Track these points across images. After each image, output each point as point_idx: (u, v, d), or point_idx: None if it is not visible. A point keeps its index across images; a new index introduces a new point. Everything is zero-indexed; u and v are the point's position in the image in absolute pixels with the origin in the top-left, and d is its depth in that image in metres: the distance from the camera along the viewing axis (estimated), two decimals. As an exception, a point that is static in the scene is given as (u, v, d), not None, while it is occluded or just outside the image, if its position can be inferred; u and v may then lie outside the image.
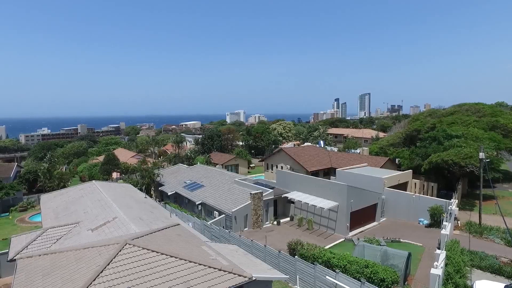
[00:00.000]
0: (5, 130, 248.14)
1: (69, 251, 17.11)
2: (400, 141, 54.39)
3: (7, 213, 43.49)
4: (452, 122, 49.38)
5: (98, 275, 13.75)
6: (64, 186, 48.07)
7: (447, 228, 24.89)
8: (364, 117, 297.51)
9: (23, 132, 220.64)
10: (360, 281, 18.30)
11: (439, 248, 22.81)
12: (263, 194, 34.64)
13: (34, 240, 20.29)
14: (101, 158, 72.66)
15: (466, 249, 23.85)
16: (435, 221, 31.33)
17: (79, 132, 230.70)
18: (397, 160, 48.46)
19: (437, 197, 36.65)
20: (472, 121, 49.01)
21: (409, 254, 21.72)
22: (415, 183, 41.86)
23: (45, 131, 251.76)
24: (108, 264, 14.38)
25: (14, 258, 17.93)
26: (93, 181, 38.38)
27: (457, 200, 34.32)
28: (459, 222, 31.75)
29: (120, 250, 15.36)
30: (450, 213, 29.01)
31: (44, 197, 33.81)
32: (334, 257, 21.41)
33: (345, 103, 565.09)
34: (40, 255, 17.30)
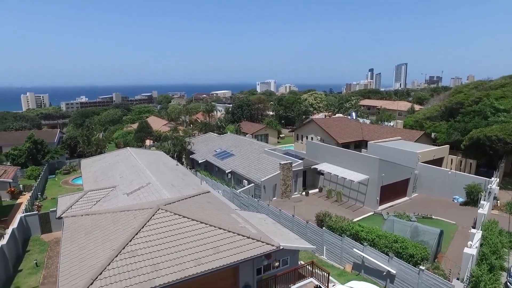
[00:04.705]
0: (48, 98, 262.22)
1: (107, 213, 18.25)
2: (438, 114, 51.28)
3: (54, 175, 47.01)
4: (501, 96, 45.36)
5: (134, 236, 14.59)
6: (101, 152, 50.70)
7: (485, 208, 23.74)
8: (400, 88, 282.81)
9: (63, 100, 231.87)
10: (388, 256, 18.16)
11: (474, 228, 21.94)
12: (293, 165, 34.61)
13: (77, 201, 21.89)
14: (135, 126, 75.43)
15: (505, 230, 22.81)
16: (472, 200, 29.98)
17: (114, 101, 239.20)
18: (433, 134, 46.04)
19: (475, 174, 34.81)
20: None
21: (441, 232, 21.10)
22: (452, 159, 39.86)
23: (83, 99, 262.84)
24: (142, 227, 15.19)
25: (61, 216, 19.60)
26: (128, 148, 40.11)
27: (498, 179, 32.39)
28: (499, 202, 30.15)
29: (154, 215, 16.12)
30: (490, 192, 27.57)
31: (84, 162, 35.98)
32: (362, 231, 21.28)
33: (379, 73, 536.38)
34: (82, 215, 18.67)
